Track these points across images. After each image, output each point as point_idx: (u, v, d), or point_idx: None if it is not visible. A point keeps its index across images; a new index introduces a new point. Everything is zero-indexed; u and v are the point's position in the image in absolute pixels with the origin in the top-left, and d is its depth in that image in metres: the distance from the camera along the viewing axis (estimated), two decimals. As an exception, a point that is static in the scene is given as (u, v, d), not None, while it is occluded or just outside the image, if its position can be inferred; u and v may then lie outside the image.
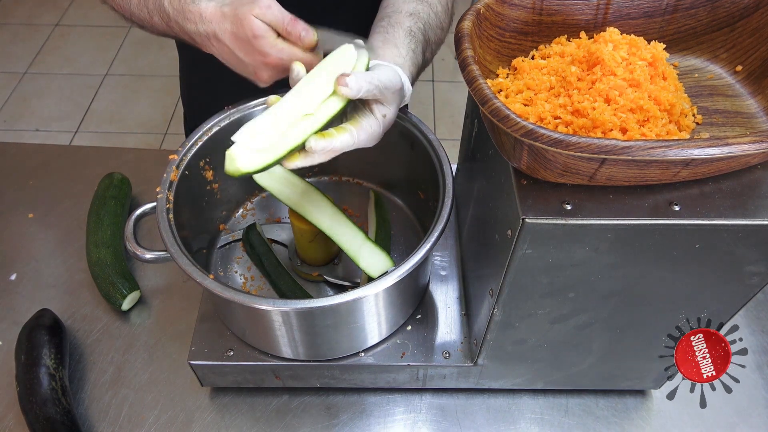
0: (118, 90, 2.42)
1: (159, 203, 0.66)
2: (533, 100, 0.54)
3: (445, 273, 0.80)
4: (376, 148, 0.83)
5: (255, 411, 0.75)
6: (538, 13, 0.58)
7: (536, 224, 0.48)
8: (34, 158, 1.05)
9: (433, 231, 0.63)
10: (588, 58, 0.53)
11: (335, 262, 0.80)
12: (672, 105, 0.51)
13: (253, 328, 0.69)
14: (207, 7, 0.62)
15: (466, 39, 0.52)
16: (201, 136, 0.74)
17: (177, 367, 0.79)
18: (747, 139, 0.43)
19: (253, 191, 0.88)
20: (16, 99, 2.38)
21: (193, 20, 0.62)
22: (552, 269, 0.53)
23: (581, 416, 0.75)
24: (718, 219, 0.48)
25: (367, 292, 0.59)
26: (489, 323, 0.62)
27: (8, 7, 2.82)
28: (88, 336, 0.82)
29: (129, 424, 0.74)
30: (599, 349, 0.66)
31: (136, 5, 0.69)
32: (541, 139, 0.43)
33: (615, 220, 0.48)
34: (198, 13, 0.62)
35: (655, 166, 0.46)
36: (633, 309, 0.59)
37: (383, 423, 0.75)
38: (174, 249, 0.63)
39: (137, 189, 0.97)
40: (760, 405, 0.76)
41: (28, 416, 0.70)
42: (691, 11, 0.58)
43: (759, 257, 0.52)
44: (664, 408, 0.76)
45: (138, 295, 0.84)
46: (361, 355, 0.71)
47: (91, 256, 0.85)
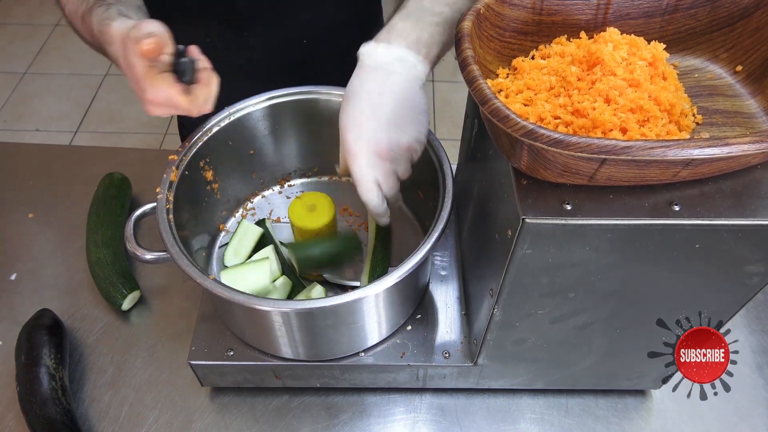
0: (118, 90, 2.42)
1: (159, 203, 0.66)
2: (533, 100, 0.54)
3: (445, 273, 0.80)
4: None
5: (255, 411, 0.75)
6: (538, 13, 0.58)
7: (536, 224, 0.48)
8: (34, 158, 1.05)
9: (433, 231, 0.63)
10: (588, 58, 0.53)
11: (335, 262, 0.80)
12: (672, 105, 0.51)
13: (253, 328, 0.69)
14: (116, 28, 0.59)
15: (466, 39, 0.52)
16: (201, 136, 0.74)
17: (177, 367, 0.79)
18: (747, 139, 0.43)
19: (253, 191, 0.88)
20: (16, 99, 2.38)
21: (108, 42, 0.61)
22: (552, 269, 0.53)
23: (581, 416, 0.75)
24: (718, 219, 0.48)
25: (367, 292, 0.59)
26: (489, 323, 0.62)
27: (8, 7, 2.82)
28: (88, 336, 0.82)
29: (129, 424, 0.74)
30: (599, 349, 0.66)
31: (81, 29, 0.68)
32: (541, 139, 0.43)
33: (615, 220, 0.48)
34: (109, 34, 0.60)
35: (655, 166, 0.46)
36: (633, 309, 0.59)
37: (383, 423, 0.75)
38: (174, 249, 0.63)
39: (137, 189, 0.97)
40: (760, 405, 0.76)
41: (28, 416, 0.70)
42: (691, 11, 0.58)
43: (759, 257, 0.52)
44: (664, 408, 0.76)
45: (138, 295, 0.84)
46: (361, 355, 0.71)
47: (91, 256, 0.85)
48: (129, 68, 0.58)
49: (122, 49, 0.57)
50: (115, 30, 0.59)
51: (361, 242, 0.78)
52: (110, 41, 0.60)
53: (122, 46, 0.57)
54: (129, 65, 0.57)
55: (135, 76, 0.57)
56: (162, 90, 0.57)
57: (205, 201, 0.79)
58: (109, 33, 0.60)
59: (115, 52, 0.60)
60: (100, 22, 0.62)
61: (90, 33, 0.66)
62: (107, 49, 0.62)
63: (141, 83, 0.57)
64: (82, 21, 0.67)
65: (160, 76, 0.57)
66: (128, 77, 0.59)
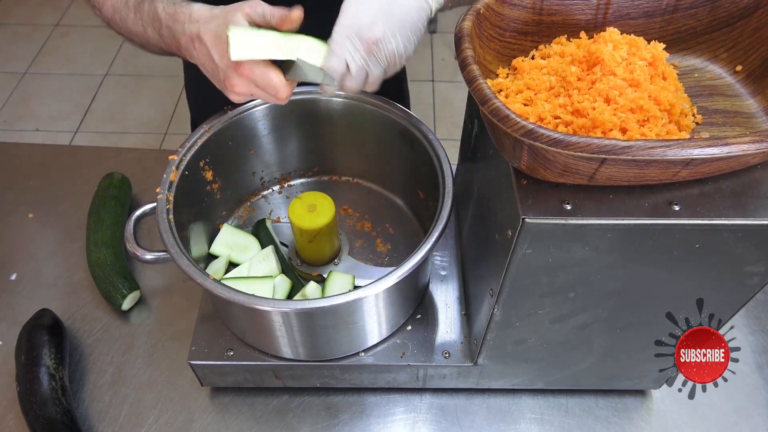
0: (118, 90, 2.42)
1: (159, 203, 0.66)
2: (533, 100, 0.54)
3: (445, 273, 0.80)
4: (376, 148, 0.84)
5: (255, 411, 0.75)
6: (538, 13, 0.58)
7: (536, 224, 0.48)
8: (34, 158, 1.05)
9: (433, 231, 0.63)
10: (588, 58, 0.53)
11: (335, 262, 0.80)
12: (672, 105, 0.51)
13: (253, 328, 0.69)
14: (198, 8, 0.61)
15: (466, 39, 0.52)
16: (201, 136, 0.74)
17: (177, 367, 0.79)
18: (747, 139, 0.43)
19: (253, 191, 0.88)
20: (16, 99, 2.38)
21: (181, 21, 0.62)
22: (552, 269, 0.53)
23: (581, 416, 0.75)
24: (718, 219, 0.48)
25: (367, 292, 0.59)
26: (489, 323, 0.62)
27: (8, 7, 2.82)
28: (88, 336, 0.82)
29: (129, 424, 0.74)
30: (599, 349, 0.66)
31: (132, 21, 0.68)
32: (541, 139, 0.43)
33: (615, 220, 0.48)
34: (188, 13, 0.62)
35: (655, 166, 0.46)
36: (633, 309, 0.59)
37: (383, 423, 0.75)
38: (174, 249, 0.63)
39: (137, 189, 0.97)
40: (760, 405, 0.76)
41: (28, 416, 0.70)
42: (691, 11, 0.58)
43: (759, 257, 0.52)
44: (664, 408, 0.76)
45: (138, 295, 0.84)
46: (361, 355, 0.71)
47: (91, 256, 0.85)
48: (219, 42, 0.58)
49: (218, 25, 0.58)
50: (198, 9, 0.61)
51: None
52: (191, 20, 0.61)
53: (223, 19, 0.58)
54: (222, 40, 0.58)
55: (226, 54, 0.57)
56: (259, 66, 0.58)
57: (205, 201, 0.79)
58: (188, 13, 0.61)
59: (197, 30, 0.60)
60: (173, 3, 0.63)
61: (149, 18, 0.66)
62: (180, 28, 0.62)
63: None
64: (135, 11, 0.67)
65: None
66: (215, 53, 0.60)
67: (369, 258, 0.82)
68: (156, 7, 0.65)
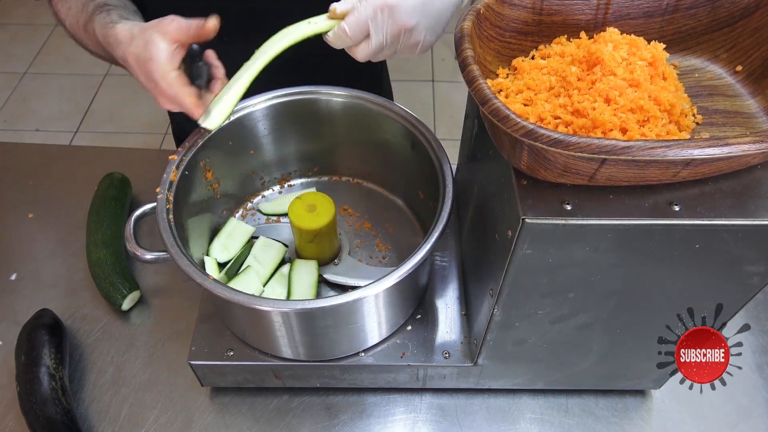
0: (118, 90, 2.42)
1: (159, 203, 0.66)
2: (533, 100, 0.54)
3: (445, 273, 0.80)
4: (376, 148, 0.84)
5: (255, 411, 0.75)
6: (538, 13, 0.58)
7: (536, 224, 0.48)
8: (34, 158, 1.05)
9: (433, 231, 0.63)
10: (588, 58, 0.53)
11: (335, 262, 0.80)
12: (672, 105, 0.51)
13: (253, 328, 0.69)
14: (121, 29, 0.61)
15: (466, 39, 0.52)
16: (201, 136, 0.74)
17: (177, 367, 0.79)
18: (747, 139, 0.43)
19: (253, 191, 0.88)
20: (16, 99, 2.38)
21: (112, 43, 0.62)
22: (552, 269, 0.53)
23: (581, 416, 0.75)
24: (718, 219, 0.48)
25: (367, 292, 0.59)
26: (489, 323, 0.62)
27: (8, 7, 2.82)
28: (88, 336, 0.82)
29: (129, 424, 0.74)
30: (599, 349, 0.66)
31: (85, 40, 0.69)
32: (541, 139, 0.43)
33: (615, 220, 0.48)
34: (114, 35, 0.62)
35: (655, 166, 0.46)
36: (633, 309, 0.59)
37: (383, 423, 0.75)
38: (174, 249, 0.63)
39: (137, 189, 0.97)
40: (760, 405, 0.76)
41: (28, 416, 0.70)
42: (691, 11, 0.58)
43: (759, 257, 0.52)
44: (664, 408, 0.76)
45: (138, 295, 0.84)
46: (361, 355, 0.71)
47: (91, 256, 0.85)
48: (144, 62, 0.58)
49: (136, 46, 0.59)
50: (120, 31, 0.61)
51: None
52: (117, 42, 0.61)
53: (141, 40, 0.58)
54: (145, 59, 0.58)
55: (149, 70, 0.58)
56: (173, 87, 0.58)
57: (205, 201, 0.79)
58: (114, 35, 0.61)
59: (123, 52, 0.61)
60: (103, 26, 0.63)
61: (94, 40, 0.66)
62: (113, 51, 0.62)
63: (154, 75, 0.58)
64: (84, 31, 0.68)
65: (176, 72, 0.58)
66: (139, 74, 0.60)
67: (369, 258, 0.82)
68: (95, 28, 0.65)
